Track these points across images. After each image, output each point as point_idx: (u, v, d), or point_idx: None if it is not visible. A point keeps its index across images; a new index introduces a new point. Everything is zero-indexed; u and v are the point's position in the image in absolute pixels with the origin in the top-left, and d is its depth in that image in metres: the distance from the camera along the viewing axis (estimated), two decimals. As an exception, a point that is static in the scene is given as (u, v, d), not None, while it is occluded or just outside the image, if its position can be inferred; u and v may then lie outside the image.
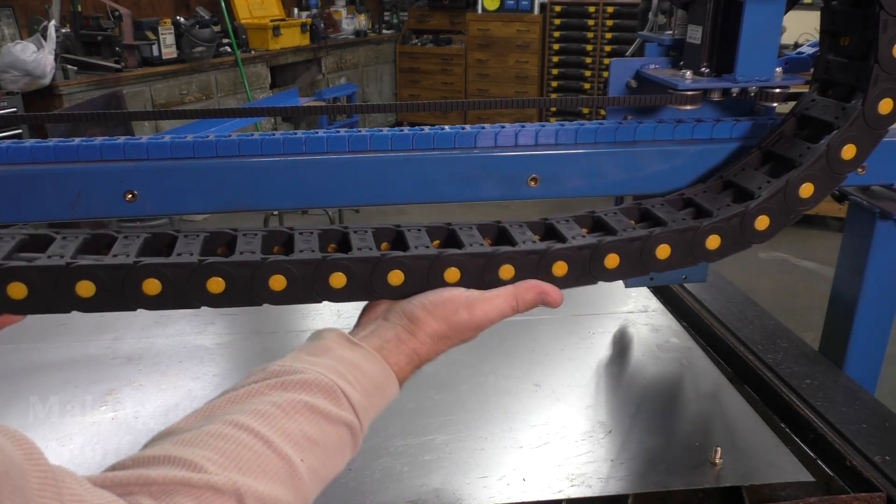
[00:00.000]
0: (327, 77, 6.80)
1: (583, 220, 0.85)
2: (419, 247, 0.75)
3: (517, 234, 0.79)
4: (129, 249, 0.70)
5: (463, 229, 0.80)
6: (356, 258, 0.71)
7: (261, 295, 0.70)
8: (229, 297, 0.69)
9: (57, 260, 0.67)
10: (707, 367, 1.16)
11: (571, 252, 0.77)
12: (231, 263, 0.69)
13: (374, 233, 0.78)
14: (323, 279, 0.71)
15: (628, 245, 0.78)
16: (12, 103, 4.05)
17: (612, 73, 1.03)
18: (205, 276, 0.68)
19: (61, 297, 0.68)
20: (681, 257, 0.80)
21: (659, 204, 0.87)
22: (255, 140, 0.88)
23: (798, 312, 3.56)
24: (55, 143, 0.88)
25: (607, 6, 6.67)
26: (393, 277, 0.72)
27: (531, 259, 0.76)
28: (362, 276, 0.72)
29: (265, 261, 0.69)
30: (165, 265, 0.68)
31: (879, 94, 0.80)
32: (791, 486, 0.87)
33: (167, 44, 4.99)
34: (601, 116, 1.08)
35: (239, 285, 0.69)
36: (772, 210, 0.81)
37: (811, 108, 0.88)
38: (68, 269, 0.66)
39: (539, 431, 0.97)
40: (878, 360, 1.14)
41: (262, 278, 0.69)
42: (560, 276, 0.77)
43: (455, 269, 0.73)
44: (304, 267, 0.70)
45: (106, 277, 0.67)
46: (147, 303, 0.69)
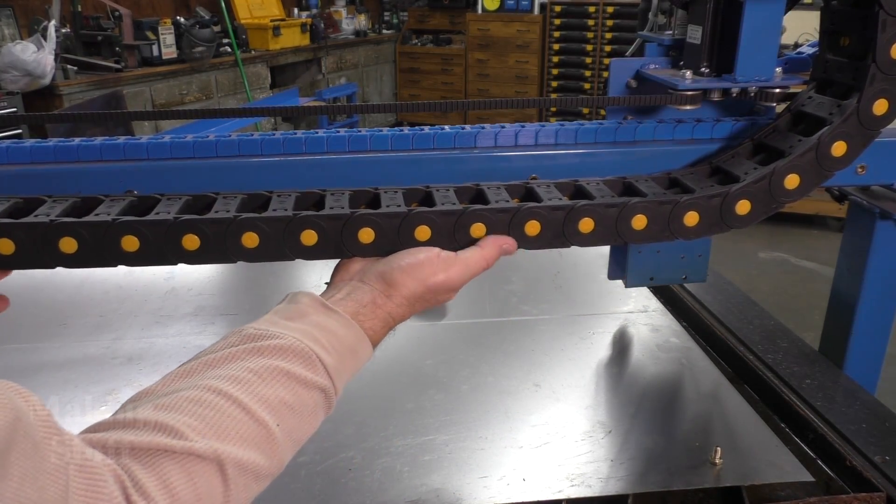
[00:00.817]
0: (327, 77, 6.80)
1: (564, 186, 0.85)
2: (391, 205, 0.76)
3: (492, 195, 0.80)
4: (111, 210, 0.73)
5: (440, 191, 0.81)
6: (326, 215, 0.73)
7: (234, 252, 0.72)
8: (203, 256, 0.72)
9: (42, 218, 0.70)
10: (707, 367, 1.16)
11: (545, 211, 0.77)
12: (205, 221, 0.71)
13: (350, 196, 0.79)
14: (295, 236, 0.72)
15: (604, 210, 0.78)
16: (12, 103, 4.04)
17: (612, 73, 1.03)
18: (181, 232, 0.71)
19: (46, 253, 0.70)
20: (657, 230, 0.80)
21: (643, 179, 0.86)
22: (255, 140, 0.88)
23: (798, 312, 3.56)
24: (55, 143, 0.88)
25: (607, 6, 6.67)
26: (364, 235, 0.73)
27: (502, 217, 0.76)
28: (333, 233, 0.73)
29: (236, 218, 0.71)
30: (143, 222, 0.70)
31: (875, 94, 0.80)
32: (791, 486, 0.87)
33: (167, 44, 4.99)
34: (601, 116, 1.08)
35: (212, 243, 0.72)
36: (754, 196, 0.81)
37: (807, 105, 0.88)
38: (52, 225, 0.69)
39: (539, 431, 0.97)
40: (878, 360, 1.14)
41: (236, 235, 0.72)
42: (533, 236, 0.78)
43: (426, 227, 0.74)
44: (276, 224, 0.72)
45: (87, 234, 0.70)
46: (126, 259, 0.71)
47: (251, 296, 1.42)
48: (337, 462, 0.90)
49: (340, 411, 1.01)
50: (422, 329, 1.28)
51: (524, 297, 1.38)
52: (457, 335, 1.26)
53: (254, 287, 1.46)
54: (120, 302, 1.36)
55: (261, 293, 1.42)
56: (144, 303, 1.36)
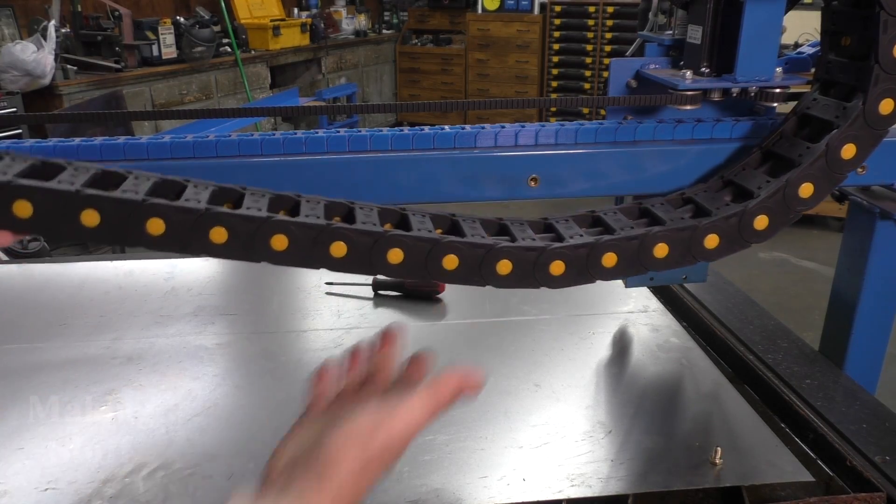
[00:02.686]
0: (327, 77, 6.80)
1: (582, 219, 0.85)
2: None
3: (517, 231, 0.79)
4: (139, 188, 0.68)
5: (467, 221, 0.80)
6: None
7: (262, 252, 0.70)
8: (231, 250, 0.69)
9: (67, 186, 0.64)
10: (707, 367, 1.16)
11: (569, 251, 0.77)
12: (235, 216, 0.68)
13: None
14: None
15: (626, 244, 0.78)
16: (12, 103, 4.05)
17: (612, 73, 1.03)
18: (209, 225, 0.67)
19: (69, 224, 0.65)
20: (679, 256, 0.80)
21: (658, 203, 0.86)
22: (255, 140, 0.88)
23: (798, 312, 3.56)
24: (55, 143, 0.88)
25: (607, 6, 6.67)
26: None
27: (530, 256, 0.75)
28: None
29: (269, 219, 0.68)
30: (170, 207, 0.66)
31: (880, 95, 0.80)
32: (791, 486, 0.87)
33: (167, 44, 4.99)
34: (601, 116, 1.08)
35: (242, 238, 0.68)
36: (771, 209, 0.81)
37: (812, 108, 0.88)
38: (78, 195, 0.64)
39: (539, 431, 0.97)
40: (878, 360, 1.14)
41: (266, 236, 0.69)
42: (559, 275, 0.77)
43: (454, 256, 0.73)
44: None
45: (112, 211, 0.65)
46: (149, 242, 0.67)
47: (251, 296, 1.42)
48: (337, 462, 0.90)
49: (340, 411, 1.01)
50: (422, 329, 1.28)
51: (524, 297, 1.38)
52: (457, 335, 1.26)
53: (254, 287, 1.46)
54: (120, 302, 1.36)
55: (261, 293, 1.42)
56: (144, 303, 1.36)
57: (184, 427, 0.98)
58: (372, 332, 1.24)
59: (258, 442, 0.95)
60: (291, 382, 1.11)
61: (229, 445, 0.94)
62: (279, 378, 1.12)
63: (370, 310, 1.34)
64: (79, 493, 0.85)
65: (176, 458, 0.91)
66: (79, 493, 0.85)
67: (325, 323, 1.29)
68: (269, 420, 1.00)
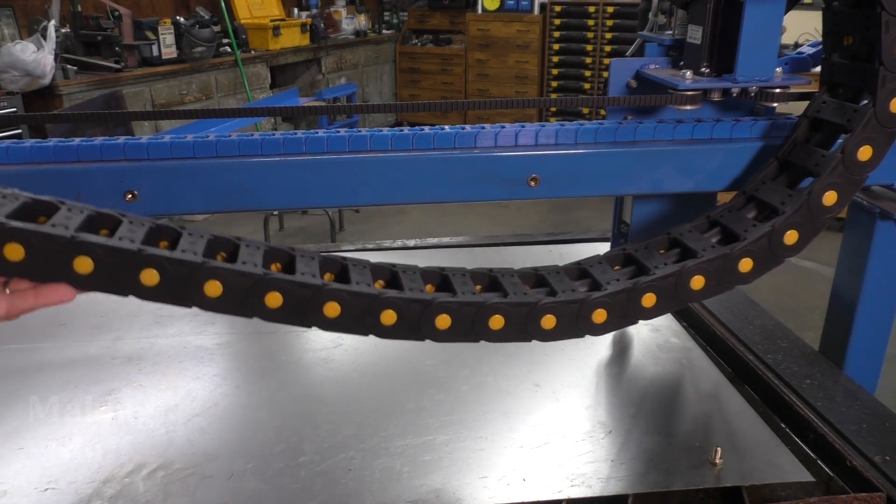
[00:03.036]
0: (327, 77, 6.80)
1: (615, 257, 0.88)
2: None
3: (556, 283, 0.83)
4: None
5: (505, 276, 0.83)
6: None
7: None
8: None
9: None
10: (707, 367, 1.16)
11: (610, 299, 0.81)
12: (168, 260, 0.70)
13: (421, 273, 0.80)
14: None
15: (664, 283, 0.81)
16: (12, 103, 4.05)
17: (612, 73, 1.03)
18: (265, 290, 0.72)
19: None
20: (716, 285, 0.82)
21: (687, 231, 0.88)
22: (255, 140, 0.88)
23: (798, 312, 3.56)
24: (55, 143, 0.88)
25: (607, 6, 6.67)
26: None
27: (572, 308, 0.80)
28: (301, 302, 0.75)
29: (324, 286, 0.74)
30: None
31: (889, 95, 0.80)
32: (791, 486, 0.87)
33: (167, 44, 4.99)
34: (601, 116, 1.08)
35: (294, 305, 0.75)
36: (799, 224, 0.82)
37: (822, 111, 0.88)
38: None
39: (539, 431, 0.97)
40: (878, 360, 1.14)
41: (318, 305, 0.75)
42: (600, 323, 0.81)
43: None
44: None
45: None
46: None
47: (251, 296, 1.42)
48: (337, 462, 0.90)
49: (340, 412, 1.01)
50: (422, 329, 1.28)
51: (524, 297, 1.38)
52: (457, 335, 1.26)
53: (254, 287, 1.45)
54: (120, 302, 1.35)
55: (261, 293, 1.42)
56: (144, 303, 1.35)
57: (184, 427, 0.98)
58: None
59: (258, 442, 0.95)
60: (291, 382, 1.11)
61: (229, 445, 0.94)
62: (279, 378, 1.12)
63: (370, 310, 1.34)
64: (79, 493, 0.85)
65: (176, 458, 0.91)
66: (79, 493, 0.85)
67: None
68: (269, 420, 1.00)
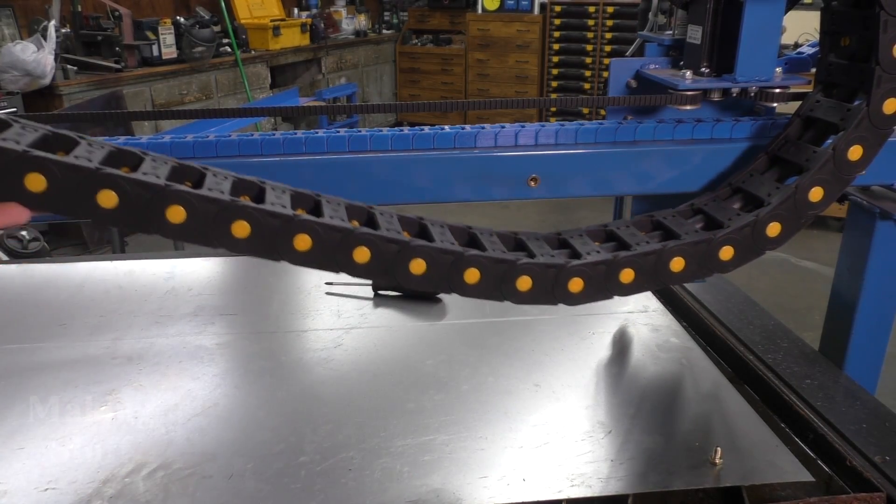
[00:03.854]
0: (327, 77, 6.80)
1: (596, 233, 0.86)
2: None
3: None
4: (158, 171, 0.65)
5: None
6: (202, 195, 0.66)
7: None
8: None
9: (84, 162, 0.61)
10: (707, 367, 1.16)
11: (588, 268, 0.78)
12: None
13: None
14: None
15: (643, 259, 0.80)
16: (12, 103, 4.05)
17: (612, 73, 1.03)
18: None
19: (85, 203, 0.62)
20: (695, 269, 0.81)
21: (671, 216, 0.87)
22: (255, 140, 0.88)
23: (798, 312, 3.56)
24: (55, 143, 0.88)
25: (607, 6, 6.68)
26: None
27: (600, 269, 0.78)
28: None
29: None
30: (193, 195, 0.64)
31: (883, 95, 0.80)
32: (791, 486, 0.87)
33: (167, 44, 4.99)
34: (601, 116, 1.08)
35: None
36: (783, 216, 0.81)
37: (816, 110, 0.88)
38: (97, 173, 0.61)
39: (539, 431, 0.97)
40: (878, 360, 1.14)
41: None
42: (577, 293, 0.79)
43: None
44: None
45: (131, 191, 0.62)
46: (170, 231, 0.65)
47: (251, 296, 1.42)
48: (337, 462, 0.90)
49: (340, 412, 1.01)
50: (422, 329, 1.28)
51: (524, 297, 1.38)
52: (457, 335, 1.26)
53: (254, 287, 1.46)
54: (120, 302, 1.36)
55: (260, 293, 1.42)
56: (144, 303, 1.36)
57: (184, 427, 0.98)
58: (372, 332, 1.25)
59: (258, 442, 0.95)
60: (291, 382, 1.11)
61: (229, 445, 0.94)
62: (279, 378, 1.12)
63: (370, 310, 1.34)
64: (79, 493, 0.85)
65: (176, 458, 0.91)
66: (79, 493, 0.85)
67: (324, 323, 1.29)
68: (268, 420, 1.00)
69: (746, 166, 0.91)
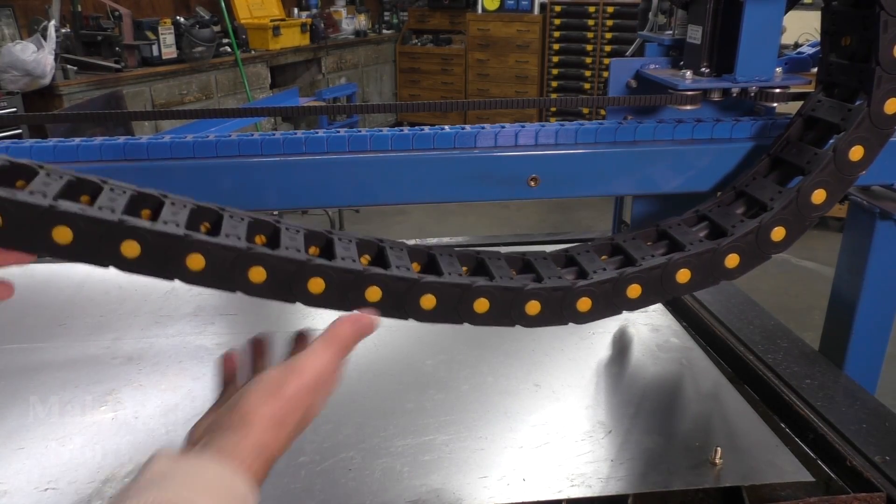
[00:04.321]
0: (327, 77, 6.80)
1: (601, 247, 0.88)
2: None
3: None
4: (177, 218, 0.69)
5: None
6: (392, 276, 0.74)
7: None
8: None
9: (108, 214, 0.66)
10: (707, 367, 1.16)
11: (595, 288, 0.80)
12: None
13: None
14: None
15: (649, 273, 0.81)
16: (12, 103, 4.05)
17: (612, 73, 1.03)
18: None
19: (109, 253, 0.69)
20: (701, 279, 0.82)
21: (675, 224, 0.87)
22: (255, 140, 0.88)
23: (798, 312, 3.56)
24: (55, 143, 0.88)
25: (607, 6, 6.68)
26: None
27: (605, 287, 0.80)
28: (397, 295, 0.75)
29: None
30: (212, 244, 0.67)
31: (884, 95, 0.80)
32: (791, 486, 0.87)
33: (167, 44, 4.99)
34: (601, 116, 1.08)
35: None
36: (787, 220, 0.82)
37: (817, 110, 0.88)
38: (121, 225, 0.67)
39: (539, 431, 0.97)
40: (878, 360, 1.14)
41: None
42: (584, 312, 0.81)
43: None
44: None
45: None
46: (190, 277, 0.69)
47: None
48: (337, 462, 0.90)
49: (340, 412, 1.01)
50: (422, 329, 1.28)
51: (524, 297, 1.38)
52: (457, 335, 1.26)
53: (254, 287, 1.45)
54: (120, 302, 1.36)
55: (261, 293, 1.42)
56: (144, 303, 1.36)
57: (184, 427, 0.97)
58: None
59: (258, 442, 0.94)
60: (291, 382, 1.11)
61: (229, 445, 0.94)
62: (279, 378, 1.12)
63: (370, 310, 1.34)
64: (79, 493, 0.85)
65: (176, 458, 0.91)
66: (79, 493, 0.85)
67: (325, 323, 1.28)
68: (269, 420, 1.00)
69: (749, 169, 0.90)
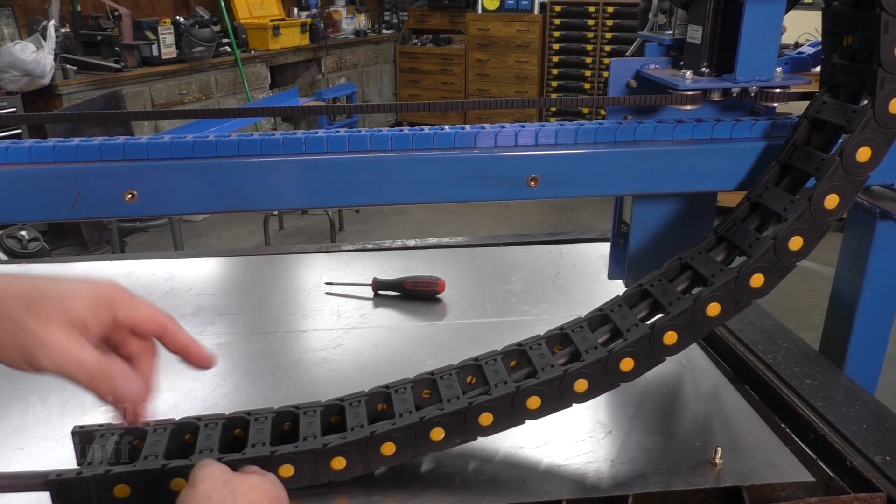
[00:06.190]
0: (327, 77, 6.80)
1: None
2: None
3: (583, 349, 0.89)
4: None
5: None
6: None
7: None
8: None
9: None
10: (707, 367, 1.16)
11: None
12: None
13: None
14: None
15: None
16: (12, 103, 4.05)
17: (612, 73, 1.03)
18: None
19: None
20: (732, 308, 0.86)
21: (697, 252, 0.90)
22: (255, 140, 0.88)
23: (798, 312, 3.56)
24: (55, 143, 0.88)
25: (607, 6, 6.68)
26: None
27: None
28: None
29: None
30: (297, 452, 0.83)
31: (888, 96, 0.80)
32: (791, 486, 0.87)
33: (167, 44, 5.00)
34: (601, 116, 1.08)
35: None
36: (803, 230, 0.83)
37: (822, 112, 0.88)
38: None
39: (539, 431, 0.97)
40: (878, 360, 1.14)
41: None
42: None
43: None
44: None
45: None
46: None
47: (251, 296, 1.42)
48: (337, 462, 0.90)
49: (340, 411, 1.01)
50: (422, 329, 1.28)
51: (524, 297, 1.38)
52: (457, 335, 1.26)
53: (254, 287, 1.45)
54: (120, 302, 1.36)
55: (261, 293, 1.42)
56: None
57: (184, 427, 0.98)
58: (372, 332, 1.25)
59: (258, 442, 0.94)
60: (291, 382, 1.11)
61: (229, 445, 0.94)
62: (279, 378, 1.12)
63: (370, 310, 1.34)
64: (79, 494, 0.84)
65: (176, 458, 0.91)
66: (79, 493, 0.85)
67: (325, 323, 1.29)
68: (269, 420, 1.00)
69: (760, 178, 0.91)
